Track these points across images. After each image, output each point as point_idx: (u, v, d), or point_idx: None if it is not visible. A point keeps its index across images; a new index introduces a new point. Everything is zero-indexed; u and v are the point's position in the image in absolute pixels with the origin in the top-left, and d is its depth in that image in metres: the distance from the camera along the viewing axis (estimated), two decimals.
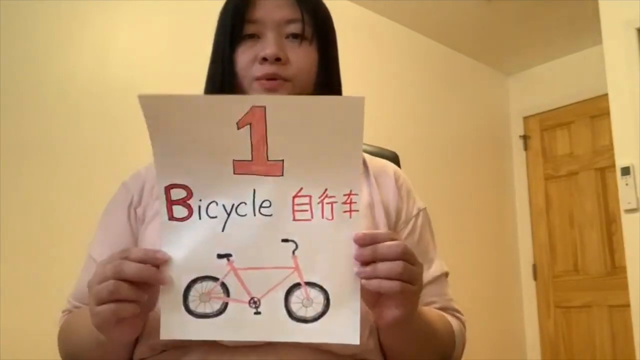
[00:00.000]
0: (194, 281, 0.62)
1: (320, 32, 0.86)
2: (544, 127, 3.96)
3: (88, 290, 0.63)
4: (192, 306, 0.62)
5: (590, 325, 3.53)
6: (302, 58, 0.84)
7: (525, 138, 4.04)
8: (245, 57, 0.83)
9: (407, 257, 0.63)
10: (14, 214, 1.96)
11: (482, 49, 3.80)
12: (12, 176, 1.98)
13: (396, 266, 0.61)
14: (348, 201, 0.63)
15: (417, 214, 0.90)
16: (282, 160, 0.63)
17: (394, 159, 1.14)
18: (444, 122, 3.59)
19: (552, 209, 3.84)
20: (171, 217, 0.63)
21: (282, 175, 0.63)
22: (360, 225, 0.64)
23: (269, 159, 0.63)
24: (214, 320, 0.62)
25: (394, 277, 0.61)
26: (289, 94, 0.82)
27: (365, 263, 0.62)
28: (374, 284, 0.62)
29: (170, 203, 0.63)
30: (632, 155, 2.49)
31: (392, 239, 0.63)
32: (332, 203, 0.63)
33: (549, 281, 3.79)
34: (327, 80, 0.87)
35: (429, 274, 0.86)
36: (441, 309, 0.87)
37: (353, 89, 1.03)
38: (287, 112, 0.62)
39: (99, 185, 1.09)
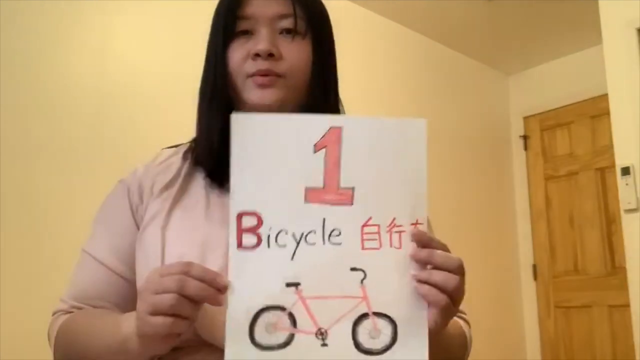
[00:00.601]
0: (261, 311, 0.61)
1: (314, 27, 0.84)
2: (544, 127, 3.96)
3: (139, 297, 0.62)
4: (257, 338, 0.61)
5: (590, 325, 3.53)
6: (295, 53, 0.82)
7: (525, 138, 4.04)
8: (237, 54, 0.82)
9: (461, 272, 0.63)
10: (13, 214, 1.96)
11: (482, 49, 3.80)
12: (11, 176, 1.98)
13: (452, 279, 0.62)
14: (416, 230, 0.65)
15: None
16: (353, 188, 0.64)
17: None
18: (444, 122, 3.59)
19: (552, 209, 3.84)
20: (240, 246, 0.63)
21: (352, 204, 0.64)
22: None
23: (341, 186, 0.64)
24: (279, 353, 0.61)
25: (446, 290, 0.62)
26: (284, 90, 0.80)
27: (419, 263, 0.63)
28: (424, 289, 0.62)
29: (240, 231, 0.63)
30: (632, 155, 2.49)
31: (447, 250, 0.65)
32: (400, 232, 0.64)
33: (549, 281, 3.79)
34: (322, 75, 0.85)
35: None
36: None
37: (353, 89, 1.04)
38: (361, 133, 0.65)
39: (98, 185, 1.09)
